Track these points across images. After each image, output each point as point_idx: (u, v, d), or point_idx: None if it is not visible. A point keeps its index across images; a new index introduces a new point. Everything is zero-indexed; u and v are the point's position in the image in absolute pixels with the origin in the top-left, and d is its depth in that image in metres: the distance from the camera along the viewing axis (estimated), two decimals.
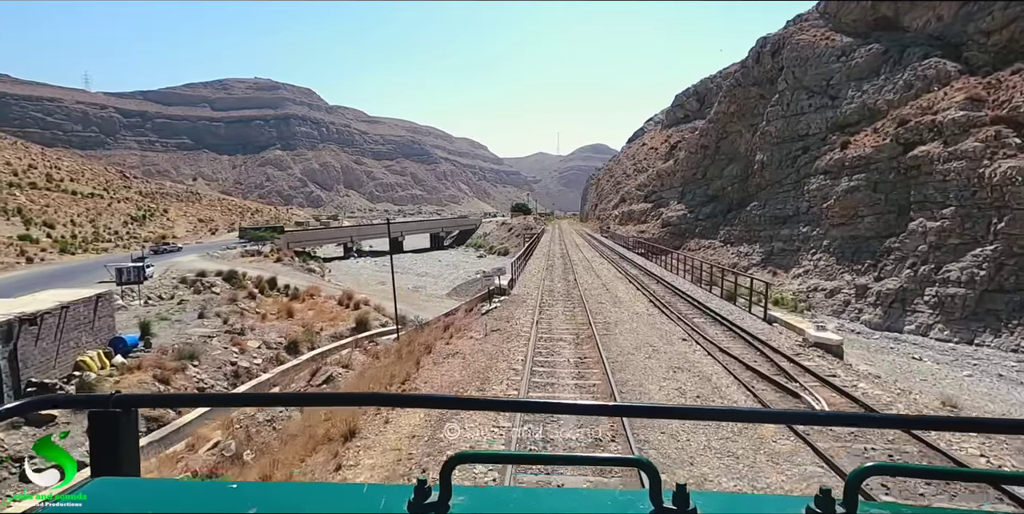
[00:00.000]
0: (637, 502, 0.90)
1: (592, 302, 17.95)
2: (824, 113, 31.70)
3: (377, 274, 45.08)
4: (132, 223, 68.90)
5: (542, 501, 1.02)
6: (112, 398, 1.08)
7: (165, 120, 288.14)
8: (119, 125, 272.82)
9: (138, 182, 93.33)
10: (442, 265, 50.65)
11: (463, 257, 59.12)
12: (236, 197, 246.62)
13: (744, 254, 34.10)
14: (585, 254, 37.32)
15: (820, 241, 28.44)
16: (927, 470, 1.24)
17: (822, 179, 29.54)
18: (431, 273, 43.66)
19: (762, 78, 38.49)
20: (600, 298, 18.97)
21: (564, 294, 20.01)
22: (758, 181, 35.51)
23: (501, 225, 75.53)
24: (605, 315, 15.74)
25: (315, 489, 1.16)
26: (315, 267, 42.39)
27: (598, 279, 24.20)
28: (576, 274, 25.61)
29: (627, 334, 13.19)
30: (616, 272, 27.10)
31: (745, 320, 15.09)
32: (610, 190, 74.34)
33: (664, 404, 2.75)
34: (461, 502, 0.90)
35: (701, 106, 67.84)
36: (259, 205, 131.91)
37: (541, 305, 17.17)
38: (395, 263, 56.03)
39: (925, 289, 21.81)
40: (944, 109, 24.27)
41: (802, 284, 27.90)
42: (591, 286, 22.02)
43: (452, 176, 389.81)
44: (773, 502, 1.05)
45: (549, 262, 30.64)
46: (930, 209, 23.05)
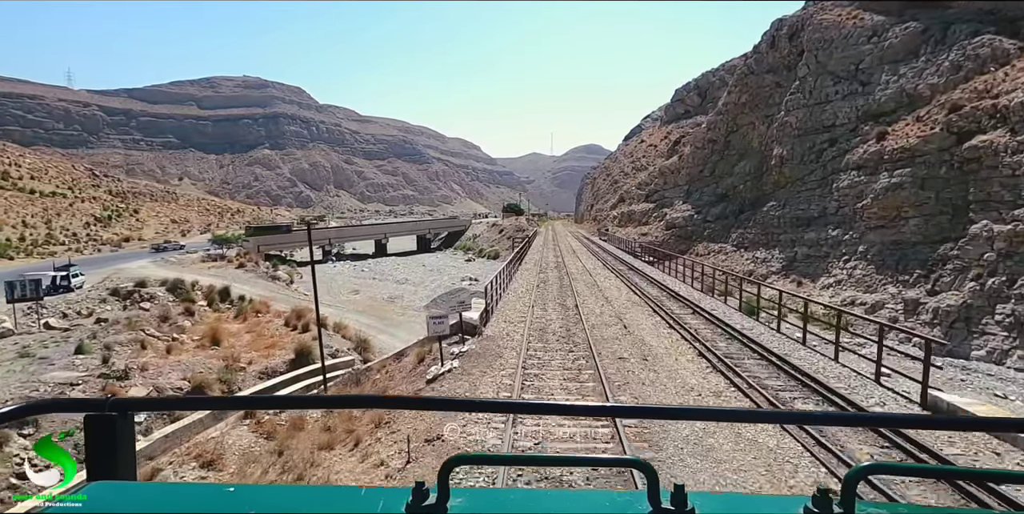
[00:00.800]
0: (635, 503, 0.90)
1: (606, 356, 11.80)
2: (853, 101, 27.96)
3: (354, 280, 40.97)
4: (96, 224, 64.34)
5: (540, 502, 1.03)
6: (108, 402, 1.08)
7: (151, 118, 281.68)
8: (103, 123, 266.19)
9: (109, 181, 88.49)
10: (426, 270, 46.57)
11: (450, 261, 55.06)
12: (221, 197, 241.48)
13: (761, 260, 30.30)
14: (584, 263, 32.14)
15: (854, 246, 24.67)
16: (923, 469, 1.37)
17: (855, 175, 25.78)
18: (412, 280, 39.60)
19: (778, 64, 34.74)
20: (617, 345, 12.76)
21: (563, 336, 13.83)
22: (776, 178, 31.73)
23: (492, 227, 71.35)
24: (634, 386, 9.84)
25: (312, 492, 1.17)
26: (283, 273, 38.23)
27: (608, 306, 18.42)
28: (577, 296, 19.65)
29: (696, 453, 6.88)
30: (630, 293, 21.48)
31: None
32: (607, 189, 70.58)
33: (660, 405, 2.46)
34: (459, 504, 0.90)
35: (703, 101, 64.29)
36: (241, 205, 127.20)
37: (525, 364, 11.13)
38: (377, 267, 51.88)
39: (996, 306, 18.02)
40: (1008, 92, 20.52)
41: (834, 296, 24.11)
42: (601, 320, 15.85)
43: (444, 176, 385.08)
44: (771, 502, 1.06)
45: (541, 275, 25.44)
46: (996, 209, 19.27)
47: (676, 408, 1.98)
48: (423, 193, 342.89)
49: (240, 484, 1.10)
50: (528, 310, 17.05)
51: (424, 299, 32.33)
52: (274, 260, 45.74)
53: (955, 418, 1.93)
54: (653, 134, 68.73)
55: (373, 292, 33.92)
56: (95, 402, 1.09)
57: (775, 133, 32.55)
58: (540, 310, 17.32)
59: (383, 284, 38.16)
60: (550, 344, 13.02)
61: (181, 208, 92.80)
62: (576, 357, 11.86)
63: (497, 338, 13.47)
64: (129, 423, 1.11)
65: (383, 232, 64.82)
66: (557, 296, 20.02)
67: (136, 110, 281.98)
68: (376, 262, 54.34)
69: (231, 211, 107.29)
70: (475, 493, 0.95)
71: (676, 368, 11.02)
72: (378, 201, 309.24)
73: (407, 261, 54.02)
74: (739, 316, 18.12)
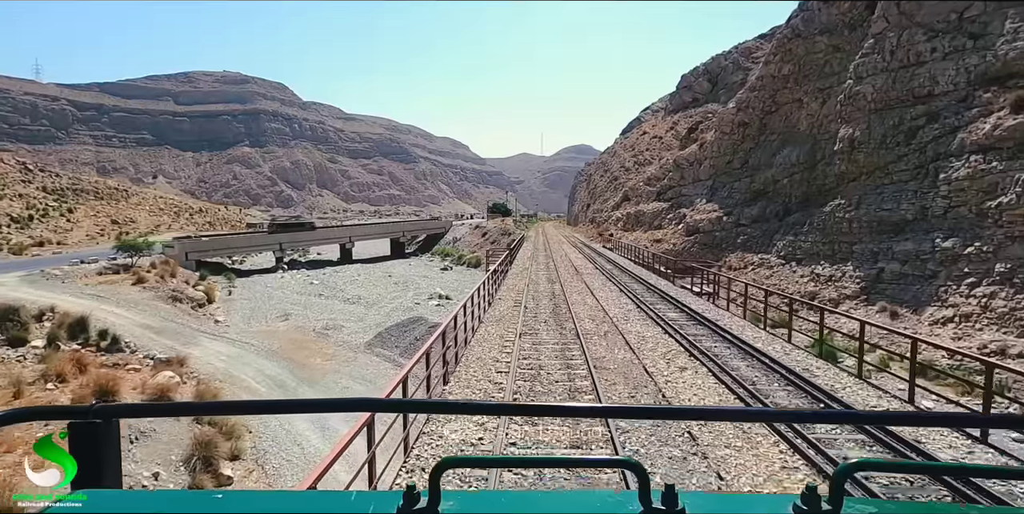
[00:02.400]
0: (626, 503, 0.89)
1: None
2: (961, 60, 20.28)
3: (295, 298, 32.54)
4: (12, 225, 55.25)
5: (532, 503, 1.03)
6: (92, 409, 1.06)
7: (124, 114, 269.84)
8: (72, 119, 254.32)
9: (45, 176, 79.17)
10: (390, 283, 38.07)
11: (423, 269, 46.71)
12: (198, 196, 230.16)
13: (827, 279, 22.53)
14: (599, 299, 18.81)
15: (985, 264, 16.96)
16: (909, 466, 1.77)
17: (977, 161, 18.10)
18: (366, 298, 31.02)
19: (836, 22, 27.03)
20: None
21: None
22: (843, 168, 23.96)
23: (475, 229, 62.81)
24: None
25: (302, 497, 1.16)
26: (200, 291, 29.81)
27: (648, 382, 9.61)
28: (597, 377, 9.70)
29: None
30: (717, 387, 9.30)
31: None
32: (606, 187, 62.49)
33: (650, 406, 2.61)
34: (450, 506, 0.89)
35: (714, 87, 56.87)
36: (205, 204, 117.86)
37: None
38: (332, 278, 43.31)
39: None
40: None
41: (962, 336, 16.37)
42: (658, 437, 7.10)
43: (432, 176, 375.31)
44: (761, 501, 1.09)
45: (526, 327, 14.21)
46: None
47: (666, 408, 2.29)
48: (410, 193, 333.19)
49: (228, 490, 1.42)
50: (500, 424, 8.11)
51: (370, 331, 24.05)
52: (204, 271, 37.23)
53: (949, 414, 2.41)
54: (657, 125, 61.01)
55: (308, 318, 25.66)
56: (79, 409, 1.06)
57: (838, 110, 24.79)
58: (527, 425, 8.18)
59: (327, 304, 29.80)
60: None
61: (130, 207, 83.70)
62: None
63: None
64: (114, 430, 1.08)
65: (347, 236, 55.89)
66: (567, 393, 9.22)
67: (108, 105, 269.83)
68: (336, 271, 45.74)
69: (190, 211, 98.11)
70: (466, 496, 0.95)
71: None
72: (363, 201, 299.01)
73: (372, 270, 45.41)
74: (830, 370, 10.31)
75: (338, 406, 1.28)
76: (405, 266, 49.75)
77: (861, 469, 0.90)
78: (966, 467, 2.02)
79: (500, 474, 5.77)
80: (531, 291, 20.52)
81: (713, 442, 6.87)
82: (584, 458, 1.45)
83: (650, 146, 55.66)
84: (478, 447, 6.74)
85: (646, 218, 39.95)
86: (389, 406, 1.33)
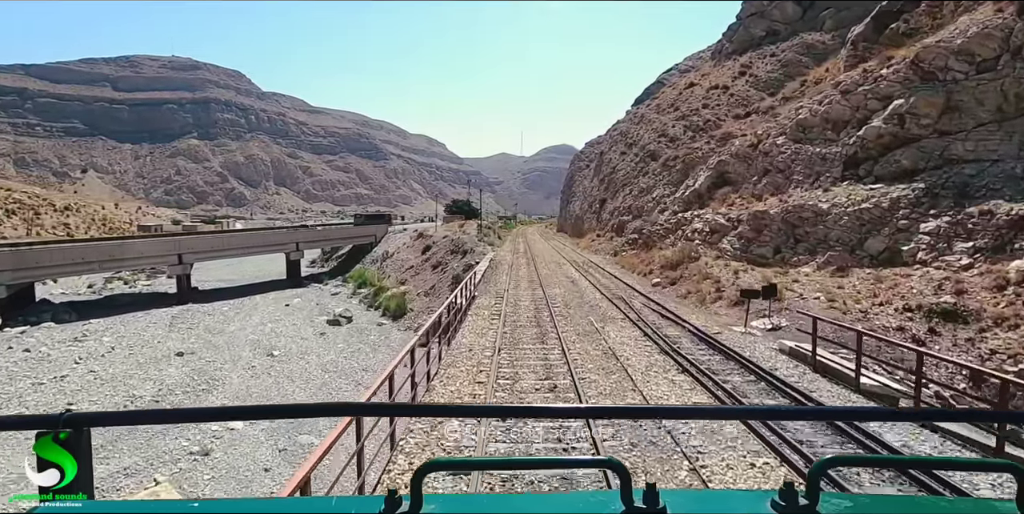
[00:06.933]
0: (609, 503, 0.90)
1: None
2: None
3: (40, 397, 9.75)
4: None
5: (514, 505, 1.03)
6: (63, 418, 1.02)
7: (51, 100, 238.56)
8: None
9: None
10: (165, 382, 15.14)
11: (298, 320, 24.09)
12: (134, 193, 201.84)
13: None
14: None
15: None
16: (881, 460, 1.69)
17: None
18: None
19: None
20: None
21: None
22: None
23: (417, 238, 39.43)
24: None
25: (283, 504, 1.12)
26: None
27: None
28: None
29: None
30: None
31: None
32: (635, 170, 39.39)
33: (628, 405, 2.72)
34: (432, 510, 0.89)
35: (805, 12, 35.20)
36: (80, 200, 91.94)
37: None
38: (80, 349, 19.80)
39: None
40: None
41: None
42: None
43: (404, 174, 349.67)
44: (740, 497, 1.11)
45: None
46: None
47: (644, 408, 2.25)
48: (379, 192, 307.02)
49: (205, 500, 1.04)
50: None
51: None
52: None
53: (923, 410, 2.45)
54: (709, 74, 39.46)
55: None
56: (48, 418, 1.01)
57: None
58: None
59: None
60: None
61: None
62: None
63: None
64: (85, 440, 1.04)
65: (189, 248, 31.16)
66: None
67: (33, 89, 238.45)
68: (114, 329, 22.66)
69: (55, 208, 72.93)
70: (448, 499, 0.95)
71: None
72: (326, 200, 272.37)
73: (186, 323, 22.44)
74: None
75: (329, 410, 1.21)
76: (270, 309, 26.78)
77: (834, 465, 0.91)
78: (932, 459, 2.02)
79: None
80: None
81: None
82: (567, 459, 1.27)
83: (709, 101, 34.02)
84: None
85: (822, 231, 16.29)
86: (373, 410, 1.44)
